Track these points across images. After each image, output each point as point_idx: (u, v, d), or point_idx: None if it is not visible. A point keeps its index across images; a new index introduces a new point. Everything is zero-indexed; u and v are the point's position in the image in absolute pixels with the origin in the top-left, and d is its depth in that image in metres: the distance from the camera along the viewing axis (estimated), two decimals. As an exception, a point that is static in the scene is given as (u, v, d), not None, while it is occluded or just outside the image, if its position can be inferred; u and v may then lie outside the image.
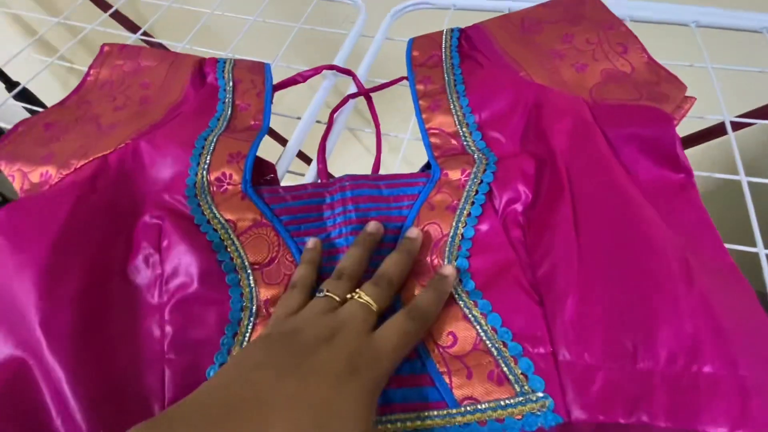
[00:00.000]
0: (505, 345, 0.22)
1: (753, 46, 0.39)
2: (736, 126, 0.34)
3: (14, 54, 0.47)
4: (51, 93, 0.38)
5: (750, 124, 0.36)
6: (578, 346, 0.21)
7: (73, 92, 0.38)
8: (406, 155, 0.36)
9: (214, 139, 0.31)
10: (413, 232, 0.26)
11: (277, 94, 0.38)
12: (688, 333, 0.20)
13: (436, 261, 0.26)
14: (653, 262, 0.22)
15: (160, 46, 0.57)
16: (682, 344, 0.20)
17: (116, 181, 0.30)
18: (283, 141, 0.82)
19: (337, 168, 0.35)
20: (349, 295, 0.23)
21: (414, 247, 0.26)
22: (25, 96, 0.65)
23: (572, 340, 0.22)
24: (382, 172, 0.33)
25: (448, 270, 0.24)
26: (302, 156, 0.94)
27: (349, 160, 1.03)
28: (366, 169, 0.34)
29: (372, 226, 0.27)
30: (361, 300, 0.22)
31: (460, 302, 0.24)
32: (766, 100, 0.47)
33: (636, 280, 0.22)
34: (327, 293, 0.23)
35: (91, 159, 0.30)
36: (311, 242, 0.27)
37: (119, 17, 0.66)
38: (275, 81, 0.38)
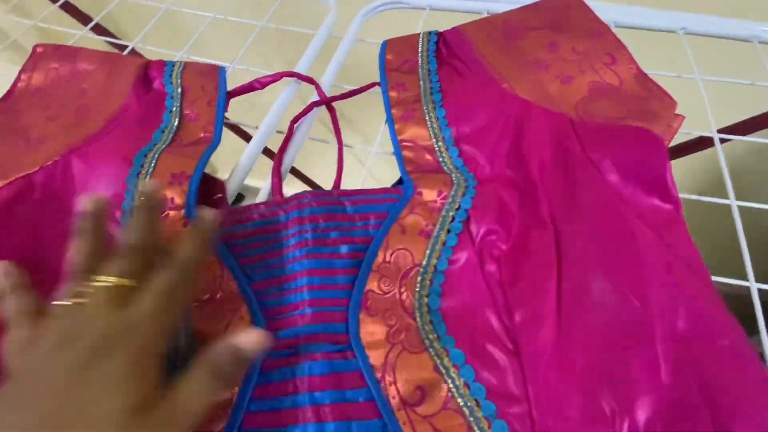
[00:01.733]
0: (478, 404, 0.20)
1: (742, 55, 0.38)
2: (724, 141, 0.32)
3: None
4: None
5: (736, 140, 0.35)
6: (555, 407, 0.19)
7: (1, 100, 0.34)
8: (375, 172, 0.33)
9: (156, 156, 0.27)
10: (148, 186, 0.23)
11: (254, 97, 0.34)
12: (670, 400, 0.18)
13: (404, 296, 0.23)
14: (640, 320, 0.20)
15: (110, 40, 0.52)
16: (663, 412, 0.18)
17: (41, 205, 0.26)
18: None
19: (329, 181, 0.32)
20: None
21: (150, 203, 0.23)
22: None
23: (549, 401, 0.19)
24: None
25: (212, 216, 0.23)
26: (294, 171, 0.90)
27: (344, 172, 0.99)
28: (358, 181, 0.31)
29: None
30: (99, 284, 0.19)
31: (431, 350, 0.21)
32: (753, 111, 0.46)
33: (620, 339, 0.20)
34: (63, 302, 0.19)
35: (12, 179, 0.26)
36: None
37: (70, 8, 0.61)
38: (236, 85, 0.34)
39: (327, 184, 0.31)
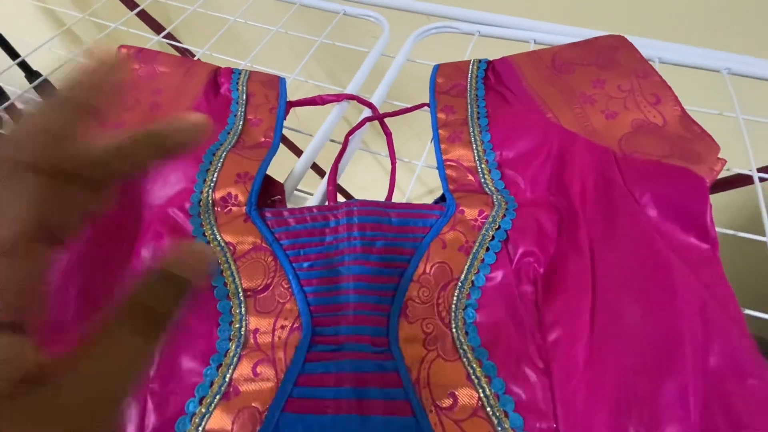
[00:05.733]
0: (506, 415, 0.21)
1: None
2: (763, 179, 0.32)
3: (38, 45, 0.47)
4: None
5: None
6: (583, 426, 0.20)
7: None
8: (426, 181, 0.35)
9: (223, 155, 0.30)
10: None
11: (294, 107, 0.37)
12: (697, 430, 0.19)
13: (441, 306, 0.25)
14: (671, 349, 0.21)
15: (185, 50, 0.56)
16: None
17: (121, 192, 0.29)
18: (299, 153, 0.81)
19: (355, 189, 0.34)
20: None
21: None
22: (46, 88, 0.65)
23: (576, 420, 0.20)
24: (397, 196, 0.32)
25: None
26: (319, 171, 0.93)
27: (368, 181, 1.02)
28: (383, 190, 0.33)
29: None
30: None
31: (464, 359, 0.22)
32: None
33: (650, 366, 0.21)
34: None
35: None
36: None
37: (145, 17, 0.66)
38: (293, 94, 0.37)
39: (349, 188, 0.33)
